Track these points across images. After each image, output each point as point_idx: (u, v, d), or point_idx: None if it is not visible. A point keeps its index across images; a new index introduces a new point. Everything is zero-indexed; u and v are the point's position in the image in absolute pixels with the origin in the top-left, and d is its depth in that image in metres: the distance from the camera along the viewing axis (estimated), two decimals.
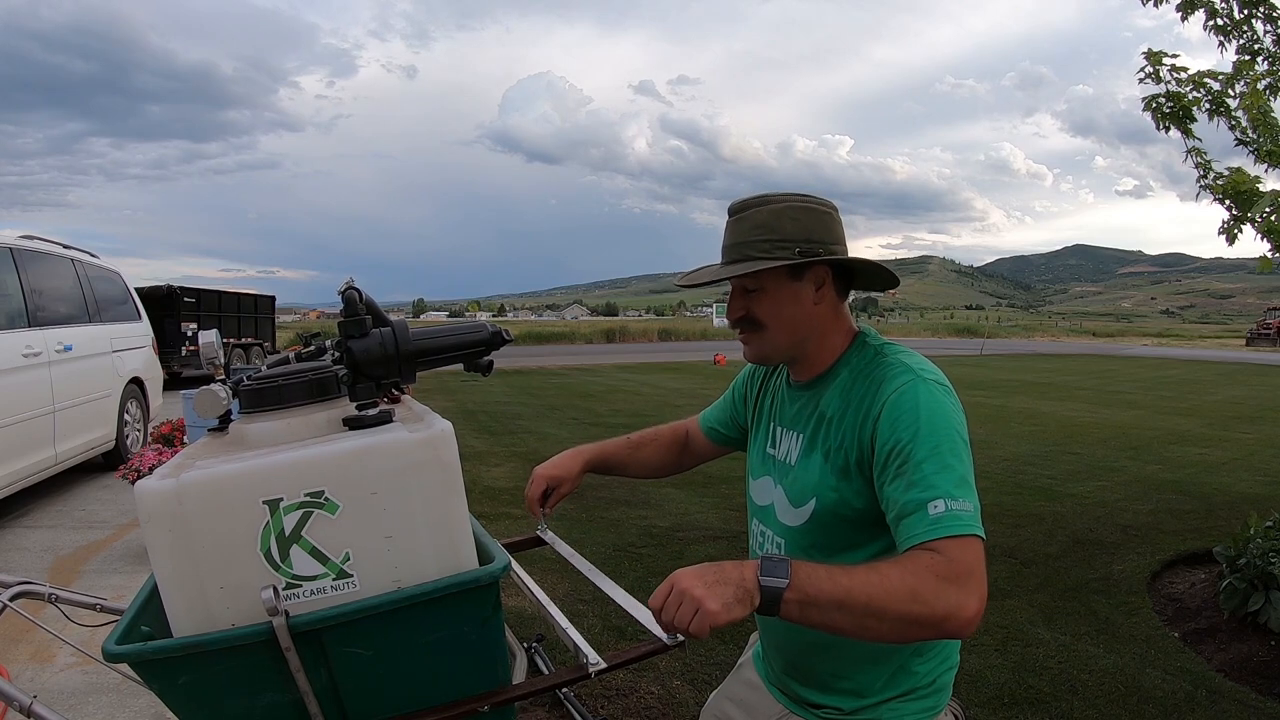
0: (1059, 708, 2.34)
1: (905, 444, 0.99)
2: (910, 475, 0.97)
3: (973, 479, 0.98)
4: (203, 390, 0.96)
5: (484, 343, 1.06)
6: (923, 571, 0.89)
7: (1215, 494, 5.10)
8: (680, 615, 0.85)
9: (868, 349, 1.14)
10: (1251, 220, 3.07)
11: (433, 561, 0.90)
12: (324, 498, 0.85)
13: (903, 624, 0.88)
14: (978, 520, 0.94)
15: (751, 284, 1.13)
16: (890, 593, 0.87)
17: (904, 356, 1.10)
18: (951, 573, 0.89)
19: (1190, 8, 3.39)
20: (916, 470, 0.97)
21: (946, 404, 1.02)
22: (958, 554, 0.91)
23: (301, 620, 0.83)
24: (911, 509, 0.95)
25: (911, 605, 0.87)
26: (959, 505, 0.93)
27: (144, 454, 3.74)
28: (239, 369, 1.03)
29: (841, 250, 1.12)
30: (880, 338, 1.17)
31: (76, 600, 1.29)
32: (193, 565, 0.82)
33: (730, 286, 1.18)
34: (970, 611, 0.88)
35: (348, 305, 0.96)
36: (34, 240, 5.17)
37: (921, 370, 1.06)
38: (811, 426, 1.15)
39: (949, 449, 0.98)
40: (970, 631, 0.90)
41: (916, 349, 1.15)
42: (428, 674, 0.92)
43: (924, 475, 0.96)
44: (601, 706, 2.34)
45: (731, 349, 21.22)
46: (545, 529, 1.43)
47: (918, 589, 0.88)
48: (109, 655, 0.80)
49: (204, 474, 0.83)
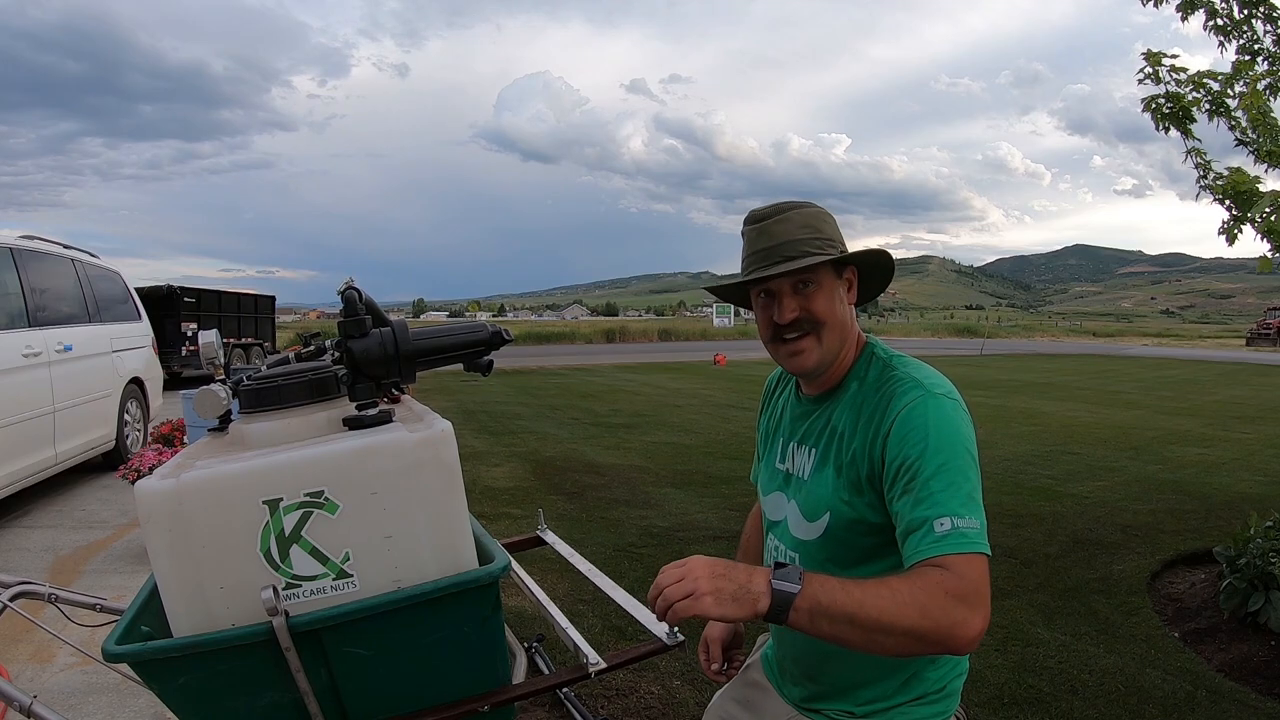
0: (1059, 708, 2.34)
1: (913, 461, 0.99)
2: (918, 492, 0.98)
3: (980, 495, 0.99)
4: (203, 390, 0.97)
5: (484, 343, 1.07)
6: (932, 587, 0.90)
7: (1215, 494, 5.10)
8: (672, 591, 0.86)
9: (876, 361, 1.14)
10: (1251, 220, 3.07)
11: (433, 561, 0.90)
12: (324, 498, 0.85)
13: (910, 639, 0.89)
14: (984, 538, 0.95)
15: (810, 278, 1.10)
16: (900, 606, 0.88)
17: (913, 370, 1.10)
18: (959, 590, 0.90)
19: (1190, 8, 3.39)
20: (924, 487, 0.97)
21: (955, 419, 1.03)
22: (964, 570, 0.92)
23: (301, 620, 0.83)
24: (918, 525, 0.96)
25: (920, 621, 0.88)
26: (965, 523, 0.94)
27: (144, 454, 3.73)
28: (239, 369, 1.04)
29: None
30: (887, 349, 1.17)
31: (76, 600, 1.29)
32: (192, 565, 0.83)
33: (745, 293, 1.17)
34: (975, 630, 0.89)
35: (348, 305, 0.96)
36: (34, 240, 5.17)
37: (931, 385, 1.06)
38: (824, 441, 1.15)
39: (956, 466, 0.98)
40: (973, 648, 0.92)
41: (916, 349, 1.16)
42: (428, 673, 0.92)
43: (931, 492, 0.97)
44: (601, 706, 2.34)
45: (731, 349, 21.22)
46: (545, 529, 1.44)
47: (927, 605, 0.88)
48: (109, 655, 0.80)
49: (204, 474, 0.83)
